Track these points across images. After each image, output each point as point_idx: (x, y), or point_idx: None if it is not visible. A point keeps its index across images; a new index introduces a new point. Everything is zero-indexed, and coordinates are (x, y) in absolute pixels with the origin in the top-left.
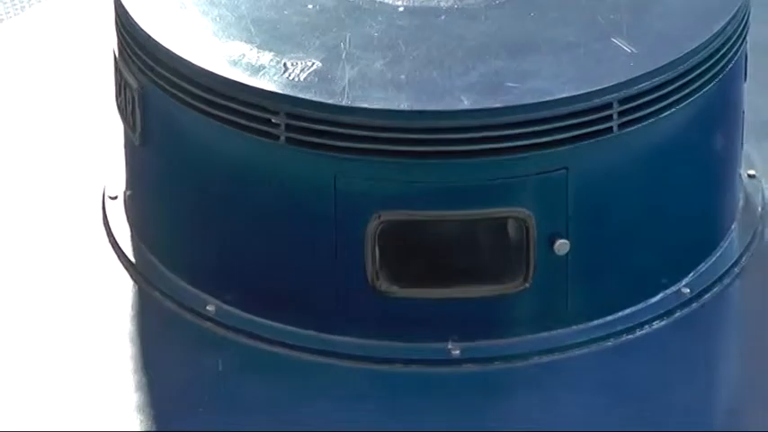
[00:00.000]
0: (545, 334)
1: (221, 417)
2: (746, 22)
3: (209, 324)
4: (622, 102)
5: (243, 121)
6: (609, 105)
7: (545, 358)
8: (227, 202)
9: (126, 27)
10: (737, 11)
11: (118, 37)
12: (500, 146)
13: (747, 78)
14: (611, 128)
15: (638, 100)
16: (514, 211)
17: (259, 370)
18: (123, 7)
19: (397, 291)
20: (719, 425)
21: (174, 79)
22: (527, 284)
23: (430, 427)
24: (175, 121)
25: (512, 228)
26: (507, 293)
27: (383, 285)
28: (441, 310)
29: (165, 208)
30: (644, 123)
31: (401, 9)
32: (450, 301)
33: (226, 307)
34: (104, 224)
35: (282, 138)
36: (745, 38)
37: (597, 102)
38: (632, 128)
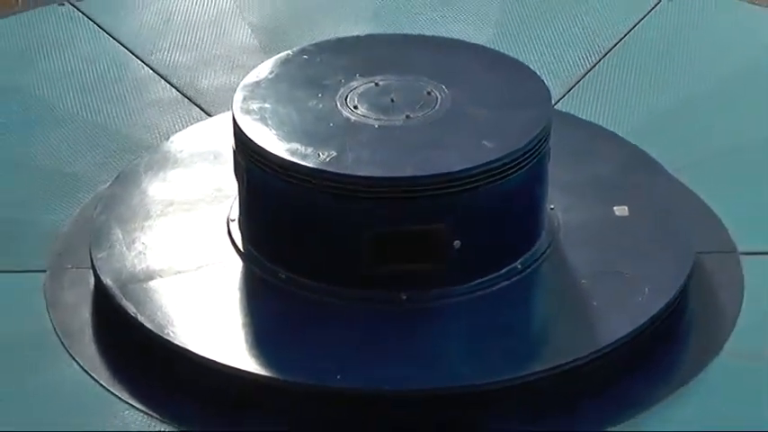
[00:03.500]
0: (450, 287)
1: (287, 331)
2: (550, 130)
3: (282, 284)
4: (488, 171)
5: (296, 182)
6: (481, 173)
7: (451, 300)
8: (290, 220)
9: (238, 133)
10: (546, 125)
11: (234, 137)
12: (428, 194)
13: (550, 159)
14: (484, 184)
15: (497, 170)
16: (436, 226)
17: (306, 309)
18: (237, 123)
19: (375, 266)
20: (538, 337)
21: (263, 161)
22: (442, 263)
23: (389, 334)
24: (264, 181)
25: (434, 234)
26: (433, 267)
27: (368, 262)
28: (398, 276)
29: (260, 223)
30: (500, 181)
31: (376, 126)
32: (403, 272)
33: (291, 274)
34: (228, 234)
35: (317, 188)
36: (549, 137)
37: (475, 171)
38: (493, 184)
